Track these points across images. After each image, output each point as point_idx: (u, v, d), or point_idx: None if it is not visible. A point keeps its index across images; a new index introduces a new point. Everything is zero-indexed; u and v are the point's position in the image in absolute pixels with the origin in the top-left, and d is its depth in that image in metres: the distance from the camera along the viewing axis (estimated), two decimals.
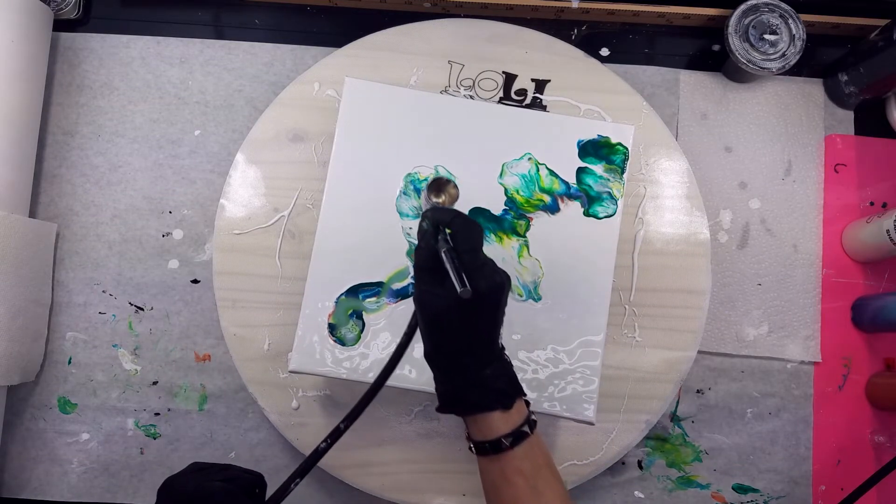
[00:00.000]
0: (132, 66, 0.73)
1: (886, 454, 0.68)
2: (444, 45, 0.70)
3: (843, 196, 0.72)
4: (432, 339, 0.45)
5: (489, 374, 0.45)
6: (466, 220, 0.46)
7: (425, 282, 0.45)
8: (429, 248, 0.45)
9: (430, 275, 0.45)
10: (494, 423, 0.45)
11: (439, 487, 0.65)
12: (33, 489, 0.68)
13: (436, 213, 0.47)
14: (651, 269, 0.67)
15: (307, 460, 0.46)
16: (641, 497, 0.68)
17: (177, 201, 0.71)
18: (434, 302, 0.44)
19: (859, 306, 0.69)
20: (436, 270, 0.45)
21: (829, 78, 0.73)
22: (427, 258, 0.45)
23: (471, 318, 0.44)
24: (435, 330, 0.45)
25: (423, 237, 0.46)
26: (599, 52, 0.73)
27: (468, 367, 0.45)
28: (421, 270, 0.46)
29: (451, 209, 0.48)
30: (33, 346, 0.67)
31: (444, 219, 0.46)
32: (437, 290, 0.44)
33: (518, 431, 0.45)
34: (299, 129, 0.68)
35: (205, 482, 0.43)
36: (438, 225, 0.46)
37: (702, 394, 0.69)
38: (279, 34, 0.73)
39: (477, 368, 0.45)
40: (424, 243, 0.46)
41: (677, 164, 0.68)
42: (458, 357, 0.45)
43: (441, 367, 0.46)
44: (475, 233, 0.46)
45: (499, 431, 0.45)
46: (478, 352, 0.45)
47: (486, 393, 0.45)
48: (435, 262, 0.44)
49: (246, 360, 0.65)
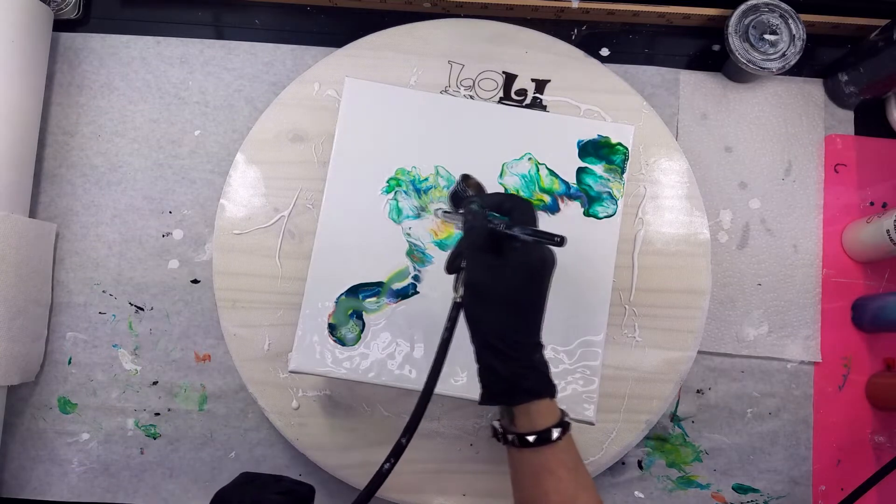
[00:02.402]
0: (132, 66, 0.73)
1: (886, 454, 0.68)
2: (444, 45, 0.70)
3: (843, 196, 0.72)
4: (495, 319, 0.45)
5: (539, 360, 0.45)
6: (518, 197, 0.48)
7: (481, 260, 0.45)
8: (482, 227, 0.46)
9: (484, 254, 0.45)
10: (544, 411, 0.44)
11: (439, 487, 0.65)
12: (33, 489, 0.68)
13: (484, 197, 0.48)
14: (651, 269, 0.67)
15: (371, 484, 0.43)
16: (641, 497, 0.68)
17: (177, 201, 0.71)
18: (501, 274, 0.44)
19: (859, 306, 0.69)
20: (491, 248, 0.45)
21: (829, 78, 0.73)
22: (480, 238, 0.46)
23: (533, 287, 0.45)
24: (499, 307, 0.44)
25: (477, 218, 0.47)
26: (599, 52, 0.73)
27: (521, 350, 0.44)
28: (476, 251, 0.46)
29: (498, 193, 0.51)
30: (33, 346, 0.67)
31: (496, 200, 0.48)
32: (496, 266, 0.44)
33: (563, 422, 0.45)
34: (299, 129, 0.68)
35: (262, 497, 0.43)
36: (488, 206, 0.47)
37: (702, 394, 0.69)
38: (279, 34, 0.73)
39: (529, 352, 0.45)
40: (478, 224, 0.46)
41: (677, 164, 0.68)
42: (518, 337, 0.44)
43: (499, 350, 0.44)
44: (530, 208, 0.47)
45: (548, 421, 0.44)
46: (534, 332, 0.45)
47: (539, 379, 0.45)
48: (489, 241, 0.45)
49: (246, 360, 0.65)
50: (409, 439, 0.43)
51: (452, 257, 0.48)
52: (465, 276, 0.46)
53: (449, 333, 0.45)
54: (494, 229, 0.46)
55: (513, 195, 0.49)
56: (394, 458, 0.43)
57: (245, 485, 0.45)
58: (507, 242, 0.46)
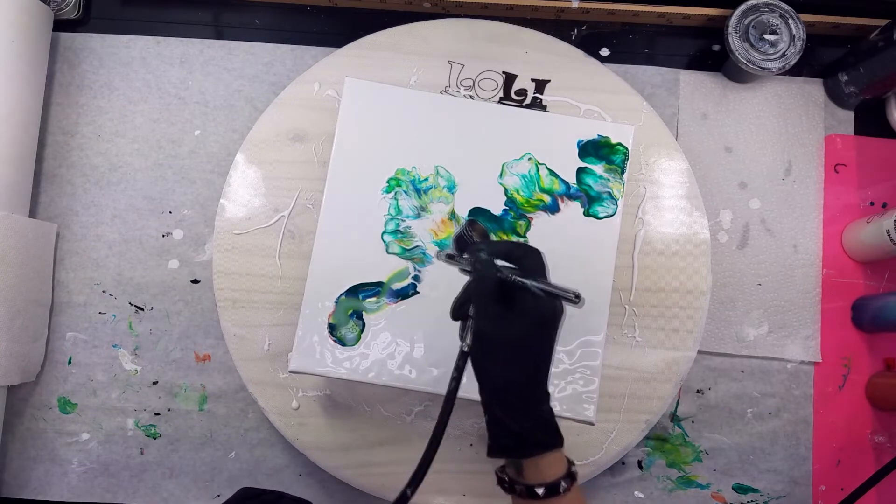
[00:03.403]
0: (132, 66, 0.73)
1: (886, 454, 0.68)
2: (444, 45, 0.70)
3: (843, 196, 0.72)
4: (504, 372, 0.44)
5: (548, 410, 0.45)
6: (527, 247, 0.47)
7: (491, 310, 0.44)
8: (491, 277, 0.45)
9: (494, 304, 0.44)
10: (553, 462, 0.44)
11: (439, 487, 0.65)
12: (33, 489, 0.68)
13: (492, 245, 0.47)
14: (651, 269, 0.67)
15: None
16: (641, 497, 0.68)
17: (177, 201, 0.71)
18: (505, 330, 0.43)
19: (859, 306, 0.69)
20: (500, 298, 0.44)
21: (829, 78, 0.73)
22: (489, 287, 0.45)
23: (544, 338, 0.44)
24: (508, 359, 0.44)
25: (485, 267, 0.45)
26: (599, 52, 0.73)
27: (535, 401, 0.44)
28: (485, 301, 0.44)
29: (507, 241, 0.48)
30: (33, 346, 0.67)
31: (505, 248, 0.46)
32: (507, 316, 0.43)
33: (571, 472, 0.44)
34: (299, 129, 0.68)
35: None
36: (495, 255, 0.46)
37: (702, 394, 0.69)
38: (279, 34, 0.73)
39: (538, 404, 0.44)
40: (488, 273, 0.45)
41: (677, 164, 0.68)
42: (527, 390, 0.44)
43: (509, 405, 0.44)
44: (539, 258, 0.46)
45: (556, 473, 0.44)
46: (542, 383, 0.44)
47: (547, 431, 0.44)
48: (499, 291, 0.44)
49: (246, 360, 0.65)
50: (413, 491, 0.43)
51: (458, 304, 0.47)
52: (474, 326, 0.45)
53: (456, 383, 0.45)
54: (505, 280, 0.45)
55: (522, 244, 0.48)
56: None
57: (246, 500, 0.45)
58: (517, 293, 0.45)
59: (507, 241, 0.47)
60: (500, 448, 0.45)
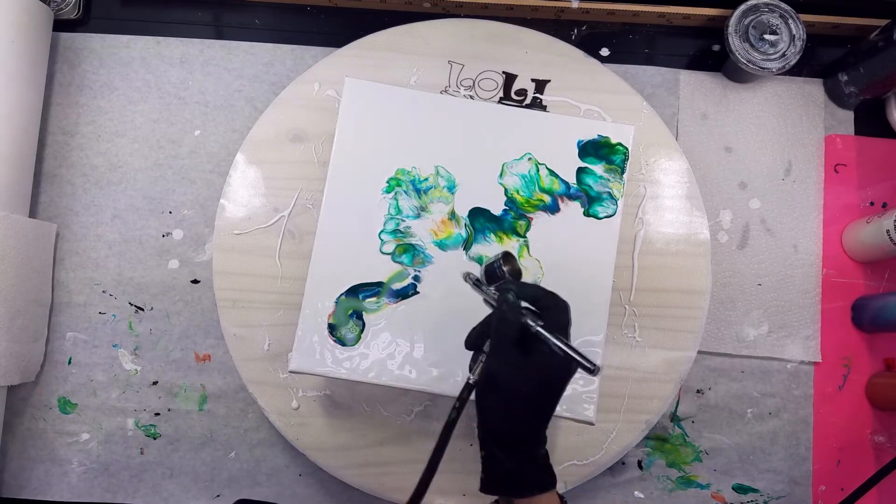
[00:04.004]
0: (132, 66, 0.73)
1: (886, 454, 0.68)
2: (444, 45, 0.70)
3: (843, 196, 0.72)
4: (507, 414, 0.44)
5: (544, 454, 0.45)
6: (557, 298, 0.46)
7: (508, 354, 0.44)
8: (515, 321, 0.44)
9: (515, 348, 0.44)
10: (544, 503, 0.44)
11: (439, 487, 0.64)
12: (33, 489, 0.68)
13: (523, 288, 0.47)
14: (651, 269, 0.67)
15: None
16: (641, 497, 0.68)
17: (177, 201, 0.71)
18: (517, 377, 0.43)
19: (859, 306, 0.69)
20: (520, 344, 0.44)
21: (829, 78, 0.73)
22: (510, 330, 0.44)
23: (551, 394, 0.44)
24: (513, 404, 0.44)
25: (511, 310, 0.45)
26: (599, 52, 0.73)
27: (531, 444, 0.44)
28: (503, 344, 0.44)
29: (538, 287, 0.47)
30: (33, 346, 0.67)
31: (534, 294, 0.46)
32: (520, 365, 0.43)
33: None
34: (299, 129, 0.68)
35: None
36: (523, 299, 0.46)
37: (702, 394, 0.69)
38: (279, 34, 0.73)
39: (535, 447, 0.45)
40: (512, 317, 0.45)
41: (677, 164, 0.68)
42: (523, 435, 0.44)
43: (507, 444, 0.44)
44: (567, 309, 0.46)
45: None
46: (540, 430, 0.45)
47: (543, 473, 0.45)
48: (520, 335, 0.44)
49: (246, 360, 0.65)
50: None
51: (475, 335, 0.47)
52: (487, 365, 0.45)
53: (457, 413, 0.45)
54: (527, 327, 0.44)
55: (553, 294, 0.46)
56: None
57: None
58: (535, 343, 0.45)
59: (538, 287, 0.47)
60: (494, 484, 0.45)
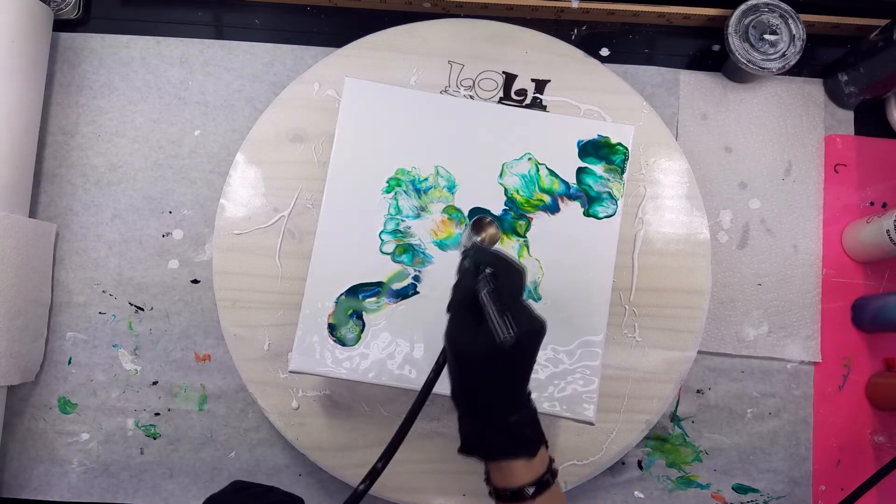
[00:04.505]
0: (132, 66, 0.73)
1: (886, 454, 0.68)
2: (444, 45, 0.70)
3: (843, 196, 0.72)
4: (461, 379, 0.44)
5: (515, 421, 0.44)
6: (511, 263, 0.45)
7: (461, 320, 0.44)
8: (468, 287, 0.44)
9: (467, 314, 0.44)
10: (517, 471, 0.44)
11: (439, 487, 0.65)
12: (33, 489, 0.68)
13: (479, 253, 0.46)
14: (651, 269, 0.67)
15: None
16: (641, 497, 0.68)
17: (177, 201, 0.71)
18: (468, 343, 0.43)
19: (859, 306, 0.69)
20: (473, 310, 0.44)
21: (829, 78, 0.73)
22: (466, 297, 0.44)
23: (504, 363, 0.43)
24: (465, 370, 0.44)
25: (464, 276, 0.45)
26: (599, 52, 0.73)
27: (494, 411, 0.44)
28: (457, 309, 0.44)
29: (495, 251, 0.47)
30: (33, 346, 0.67)
31: (487, 260, 0.45)
32: (472, 330, 0.43)
33: (541, 481, 0.44)
34: (299, 129, 0.68)
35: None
36: (480, 266, 0.45)
37: (702, 394, 0.69)
38: (279, 34, 0.73)
39: (503, 414, 0.44)
40: (465, 282, 0.45)
41: (677, 164, 0.68)
42: (485, 401, 0.44)
43: (466, 408, 0.45)
44: (518, 277, 0.45)
45: (521, 480, 0.44)
46: (505, 397, 0.44)
47: (511, 439, 0.44)
48: (473, 301, 0.44)
49: (246, 360, 0.65)
50: (384, 464, 0.45)
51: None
52: (446, 332, 0.44)
53: (435, 376, 0.45)
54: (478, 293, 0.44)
55: (506, 259, 0.46)
56: (369, 480, 0.44)
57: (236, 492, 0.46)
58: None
59: (494, 252, 0.46)
60: (463, 446, 0.46)
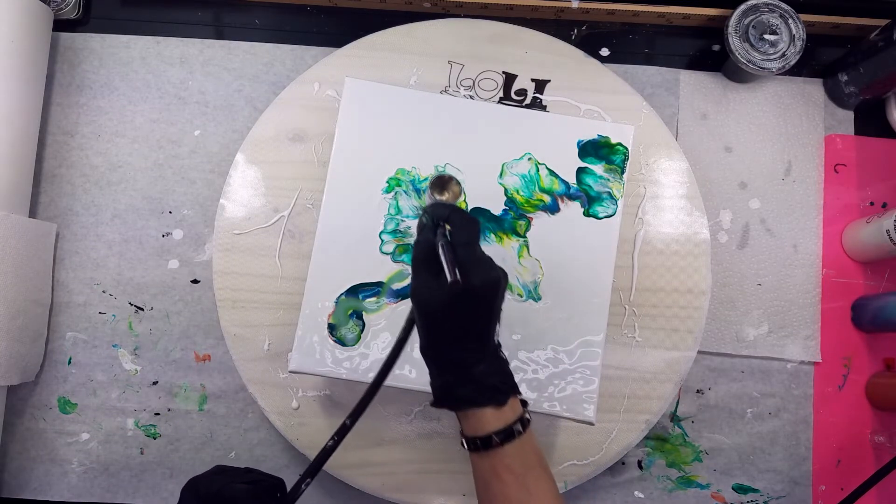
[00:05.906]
0: (132, 66, 0.73)
1: (886, 454, 0.68)
2: (444, 45, 0.70)
3: (843, 196, 0.72)
4: (427, 333, 0.46)
5: (482, 371, 0.45)
6: (464, 214, 0.47)
7: (421, 275, 0.45)
8: (426, 241, 0.46)
9: (427, 268, 0.45)
10: (486, 419, 0.45)
11: (439, 487, 0.65)
12: (33, 489, 0.68)
13: (434, 208, 0.47)
14: (651, 269, 0.67)
15: (316, 460, 0.46)
16: (641, 497, 0.68)
17: (177, 201, 0.71)
18: (429, 295, 0.44)
19: (859, 306, 0.69)
20: (432, 264, 0.45)
21: (829, 78, 0.73)
22: (424, 252, 0.46)
23: (464, 312, 0.45)
24: (429, 323, 0.45)
25: (422, 231, 0.47)
26: (599, 52, 0.73)
27: (460, 361, 0.45)
28: (418, 264, 0.46)
29: (449, 204, 0.49)
30: (33, 346, 0.67)
31: (442, 213, 0.47)
32: (431, 283, 0.44)
33: (509, 429, 0.45)
34: (299, 129, 0.68)
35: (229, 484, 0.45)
36: (437, 220, 0.46)
37: (702, 394, 0.69)
38: (279, 34, 0.73)
39: (469, 364, 0.45)
40: (423, 237, 0.47)
41: (677, 164, 0.68)
42: (451, 351, 0.45)
43: (434, 360, 0.46)
44: (472, 228, 0.46)
45: (489, 428, 0.45)
46: (470, 347, 0.45)
47: (477, 389, 0.45)
48: (432, 255, 0.45)
49: (246, 360, 0.65)
50: (353, 421, 0.47)
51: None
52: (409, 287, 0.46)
53: (405, 334, 0.47)
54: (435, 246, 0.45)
55: (459, 211, 0.47)
56: (338, 437, 0.47)
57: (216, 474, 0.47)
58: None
59: (448, 205, 0.48)
60: (435, 399, 0.47)
